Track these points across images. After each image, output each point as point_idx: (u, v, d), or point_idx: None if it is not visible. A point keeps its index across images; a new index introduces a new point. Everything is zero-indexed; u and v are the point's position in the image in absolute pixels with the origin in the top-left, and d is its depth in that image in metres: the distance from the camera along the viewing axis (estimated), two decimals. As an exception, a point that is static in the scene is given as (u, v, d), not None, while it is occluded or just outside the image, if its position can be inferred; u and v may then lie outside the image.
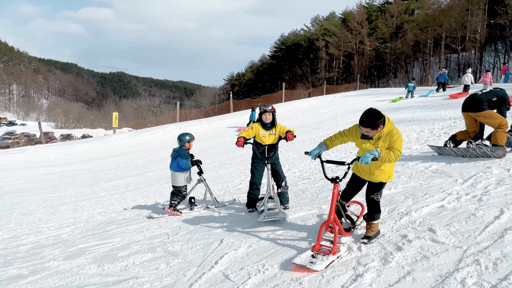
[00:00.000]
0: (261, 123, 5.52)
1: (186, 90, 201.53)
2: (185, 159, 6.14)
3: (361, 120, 3.63)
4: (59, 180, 12.05)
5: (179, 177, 6.21)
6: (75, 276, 3.95)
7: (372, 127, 3.60)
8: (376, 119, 3.57)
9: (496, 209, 4.09)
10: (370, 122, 3.58)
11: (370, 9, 69.34)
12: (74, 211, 7.62)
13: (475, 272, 2.94)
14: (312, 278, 3.26)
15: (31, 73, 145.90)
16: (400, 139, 3.67)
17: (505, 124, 6.49)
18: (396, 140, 3.65)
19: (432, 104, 17.08)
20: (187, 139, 6.37)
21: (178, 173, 6.20)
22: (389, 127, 3.69)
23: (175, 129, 23.28)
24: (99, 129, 67.24)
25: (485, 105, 6.57)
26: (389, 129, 3.69)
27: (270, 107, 5.49)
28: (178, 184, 6.22)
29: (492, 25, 47.35)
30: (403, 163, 7.10)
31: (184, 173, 6.23)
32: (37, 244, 5.47)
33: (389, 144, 3.67)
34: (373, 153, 3.50)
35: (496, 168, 5.69)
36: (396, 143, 3.64)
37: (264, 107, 5.48)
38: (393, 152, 3.60)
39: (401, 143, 3.66)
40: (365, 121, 3.60)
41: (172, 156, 6.28)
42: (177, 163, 6.16)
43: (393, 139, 3.66)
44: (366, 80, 60.92)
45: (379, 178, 3.84)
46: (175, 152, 6.26)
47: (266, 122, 5.49)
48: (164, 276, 3.73)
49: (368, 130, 3.64)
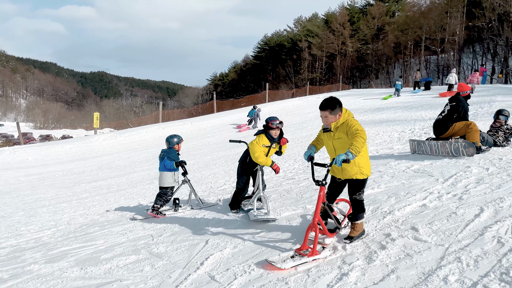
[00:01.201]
0: (268, 136, 5.37)
1: (169, 90, 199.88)
2: (170, 160, 6.10)
3: (320, 105, 3.80)
4: (38, 182, 11.79)
5: (165, 177, 6.16)
6: (57, 280, 3.87)
7: (331, 108, 3.72)
8: (334, 102, 3.74)
9: (476, 207, 4.19)
10: (328, 104, 3.75)
11: (352, 11, 70.06)
12: (54, 213, 7.47)
13: (457, 269, 3.00)
14: (298, 278, 3.27)
15: (9, 73, 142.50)
16: (358, 125, 3.66)
17: (471, 125, 6.89)
18: (354, 125, 3.65)
19: (413, 105, 17.38)
20: (175, 141, 6.32)
21: (165, 173, 6.15)
22: (345, 117, 3.77)
23: (158, 129, 23.07)
24: (80, 130, 66.13)
25: (448, 124, 7.17)
26: (345, 119, 3.76)
27: (279, 121, 5.35)
28: (164, 184, 6.17)
29: (470, 28, 48.45)
30: (386, 163, 7.20)
31: (171, 173, 6.18)
32: (17, 247, 5.34)
33: (347, 133, 3.67)
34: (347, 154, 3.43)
35: (476, 168, 5.83)
36: (354, 126, 3.64)
37: (278, 124, 5.32)
38: (356, 135, 3.55)
39: (360, 127, 3.63)
40: (324, 104, 3.77)
41: (160, 157, 6.23)
42: (163, 165, 6.12)
43: (349, 125, 3.68)
44: (348, 81, 61.52)
45: (352, 173, 3.81)
46: (164, 153, 6.20)
47: (274, 137, 5.40)
48: (149, 278, 3.69)
49: (326, 114, 3.75)
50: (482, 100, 14.89)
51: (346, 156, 3.41)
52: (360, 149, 3.48)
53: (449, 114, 7.21)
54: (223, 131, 20.68)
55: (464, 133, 7.01)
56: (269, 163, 5.37)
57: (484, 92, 17.91)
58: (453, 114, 7.14)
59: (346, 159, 3.41)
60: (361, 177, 3.84)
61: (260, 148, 5.32)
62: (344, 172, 3.86)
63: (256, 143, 5.33)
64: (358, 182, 3.88)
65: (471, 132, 6.84)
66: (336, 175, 4.00)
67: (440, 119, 7.37)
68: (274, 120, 5.34)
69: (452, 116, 7.15)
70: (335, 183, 4.09)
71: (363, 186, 3.92)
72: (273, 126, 5.31)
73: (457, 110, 7.12)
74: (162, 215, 6.02)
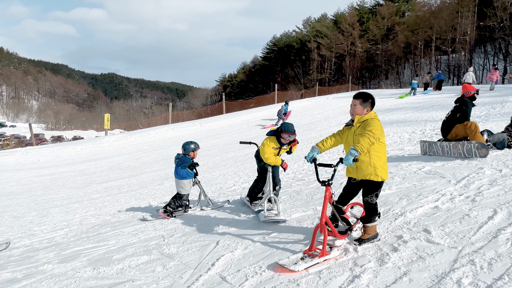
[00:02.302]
0: (278, 140, 5.43)
1: (178, 91, 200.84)
2: (183, 168, 6.11)
3: (355, 94, 3.93)
4: (50, 182, 11.93)
5: (182, 184, 6.15)
6: (70, 280, 3.92)
7: (363, 99, 3.80)
8: (368, 97, 3.85)
9: (489, 209, 4.14)
10: (362, 94, 3.87)
11: (361, 11, 69.73)
12: (66, 213, 7.55)
13: (471, 272, 2.98)
14: (309, 280, 3.27)
15: (21, 74, 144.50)
16: (376, 126, 3.64)
17: (471, 127, 6.94)
18: (372, 125, 3.65)
19: (423, 106, 17.24)
20: (191, 148, 6.24)
21: (181, 181, 6.16)
22: (371, 116, 3.79)
23: (168, 130, 23.21)
24: (91, 131, 66.81)
25: (451, 126, 7.27)
26: (370, 117, 3.77)
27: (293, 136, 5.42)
28: (182, 192, 6.18)
29: (481, 27, 47.89)
30: (396, 164, 7.16)
31: (188, 180, 6.19)
32: (30, 247, 5.41)
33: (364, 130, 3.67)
34: (351, 153, 3.43)
35: (489, 169, 5.76)
36: (370, 126, 3.64)
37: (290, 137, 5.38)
38: (365, 135, 3.54)
39: (376, 128, 3.61)
40: (358, 94, 3.90)
41: (176, 164, 6.23)
42: (176, 172, 6.13)
43: (368, 125, 3.69)
44: (358, 82, 61.24)
45: (366, 172, 3.76)
46: (179, 160, 6.17)
47: (283, 143, 5.47)
48: (160, 278, 3.71)
49: (356, 103, 3.82)
50: (494, 101, 14.71)
51: (353, 156, 3.40)
52: (365, 147, 3.48)
53: (452, 115, 7.33)
54: (232, 132, 20.72)
55: (465, 133, 7.06)
56: (279, 162, 5.43)
57: (496, 93, 17.69)
58: (456, 114, 7.25)
59: (355, 158, 3.41)
60: (375, 178, 3.75)
61: (270, 149, 5.36)
62: (359, 171, 3.82)
63: (266, 145, 5.37)
64: (372, 184, 3.80)
65: (473, 134, 6.89)
66: (351, 175, 3.97)
67: (445, 121, 7.48)
68: (288, 134, 5.34)
69: (455, 117, 7.26)
70: (350, 185, 4.05)
71: (377, 189, 3.82)
72: (284, 137, 5.38)
73: (460, 110, 7.22)
74: (172, 217, 6.05)
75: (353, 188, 4.04)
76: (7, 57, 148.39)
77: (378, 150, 3.74)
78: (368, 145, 3.51)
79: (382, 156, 3.80)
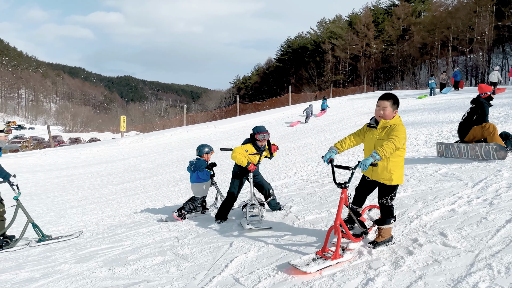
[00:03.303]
0: (255, 145, 5.50)
1: (193, 94, 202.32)
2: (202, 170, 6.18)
3: (382, 95, 3.80)
4: (67, 184, 12.14)
5: (198, 188, 6.22)
6: (87, 279, 3.98)
7: (393, 100, 3.72)
8: (396, 97, 3.77)
9: (507, 212, 4.06)
10: (392, 96, 3.75)
11: (376, 12, 69.18)
12: (83, 214, 7.68)
13: (488, 276, 2.92)
14: (323, 282, 3.25)
15: (40, 78, 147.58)
16: (401, 132, 3.57)
17: (489, 129, 6.81)
18: (397, 131, 3.58)
19: (440, 107, 16.98)
20: (205, 151, 6.35)
21: (198, 184, 6.22)
22: (397, 120, 3.70)
23: (182, 132, 23.39)
24: (107, 133, 67.73)
25: (468, 128, 7.15)
26: (395, 122, 3.69)
27: (265, 133, 5.43)
28: (198, 194, 6.25)
29: (499, 27, 46.99)
30: (412, 166, 7.07)
31: (204, 183, 6.24)
32: (48, 247, 5.52)
33: (388, 136, 3.60)
34: (373, 156, 3.38)
35: (507, 172, 5.64)
36: (396, 131, 3.57)
37: (264, 137, 5.42)
38: (390, 140, 3.48)
39: (401, 134, 3.55)
40: (387, 94, 3.79)
41: (191, 170, 6.27)
42: (197, 175, 6.18)
43: (394, 129, 3.61)
44: (373, 83, 60.76)
45: (381, 176, 3.73)
46: (194, 165, 6.22)
47: (260, 147, 5.51)
48: (174, 279, 3.74)
49: (386, 105, 3.68)
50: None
51: (374, 159, 3.35)
52: (388, 153, 3.41)
53: (469, 117, 7.19)
54: (246, 134, 20.73)
55: (482, 135, 6.93)
56: (245, 163, 5.38)
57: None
58: (473, 116, 7.11)
59: (374, 162, 3.36)
60: (388, 183, 3.72)
61: (240, 150, 5.41)
62: (374, 173, 3.78)
63: (238, 147, 5.45)
64: (387, 188, 3.77)
65: (491, 136, 6.75)
66: (366, 174, 3.93)
67: (462, 122, 7.35)
68: (260, 133, 5.40)
69: (472, 118, 7.12)
70: (364, 183, 4.01)
71: (392, 192, 3.79)
72: (259, 138, 5.41)
73: (476, 111, 7.08)
74: (184, 219, 6.07)
75: (367, 187, 4.01)
76: (26, 60, 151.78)
77: (397, 156, 3.67)
78: (392, 151, 3.44)
79: (400, 162, 3.73)
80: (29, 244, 5.72)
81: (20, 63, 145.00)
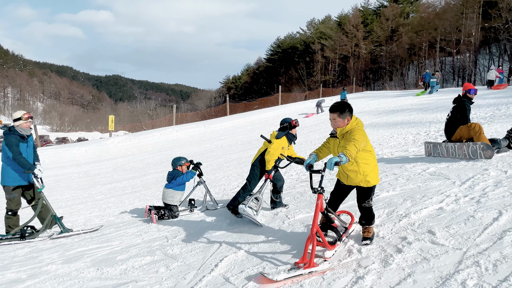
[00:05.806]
0: (288, 137, 5.55)
1: (182, 93, 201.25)
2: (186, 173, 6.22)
3: (330, 108, 3.77)
4: (55, 184, 11.97)
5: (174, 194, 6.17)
6: (74, 280, 3.93)
7: (340, 111, 3.66)
8: (344, 106, 3.70)
9: (494, 211, 4.11)
10: (337, 107, 3.71)
11: (365, 13, 69.59)
12: (70, 214, 7.58)
13: (475, 273, 2.95)
14: (313, 281, 3.26)
15: (26, 76, 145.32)
16: (359, 135, 3.54)
17: (475, 128, 6.91)
18: (355, 134, 3.55)
19: (428, 107, 17.17)
20: (181, 163, 6.44)
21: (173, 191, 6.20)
22: (353, 125, 3.68)
23: (172, 132, 23.26)
24: (95, 132, 67.03)
25: (454, 127, 7.26)
26: (352, 127, 3.67)
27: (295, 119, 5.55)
28: (171, 202, 6.18)
29: (486, 29, 47.65)
30: (401, 165, 7.13)
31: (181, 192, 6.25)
32: (35, 248, 5.43)
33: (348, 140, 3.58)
34: (339, 156, 3.32)
35: (494, 170, 5.72)
36: (354, 135, 3.55)
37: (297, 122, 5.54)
38: (350, 141, 3.47)
39: (359, 137, 3.51)
40: (334, 107, 3.73)
41: (168, 180, 6.33)
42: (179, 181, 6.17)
43: (351, 134, 3.60)
44: (362, 83, 61.11)
45: (356, 181, 3.76)
46: (170, 176, 6.32)
47: (295, 135, 5.60)
48: (164, 279, 3.71)
49: (335, 117, 3.69)
50: (499, 102, 14.61)
51: (340, 159, 3.28)
52: (353, 153, 3.38)
53: (453, 116, 7.32)
54: (236, 134, 20.73)
55: (469, 135, 7.04)
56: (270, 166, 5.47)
57: (501, 94, 17.58)
58: (457, 115, 7.23)
59: (339, 161, 3.28)
60: (366, 185, 3.76)
61: (278, 153, 5.46)
62: (349, 179, 3.82)
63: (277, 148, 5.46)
64: (364, 190, 3.81)
65: (477, 135, 6.86)
66: (342, 180, 3.95)
67: (447, 122, 7.47)
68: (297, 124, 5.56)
69: (456, 117, 7.25)
70: (340, 187, 4.02)
71: (371, 194, 3.83)
72: (296, 124, 5.52)
73: (458, 110, 7.21)
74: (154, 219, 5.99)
75: (342, 191, 4.02)
76: (12, 59, 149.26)
77: (366, 158, 3.71)
78: (355, 152, 3.41)
79: (371, 162, 3.75)
80: (51, 236, 5.77)
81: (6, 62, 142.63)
